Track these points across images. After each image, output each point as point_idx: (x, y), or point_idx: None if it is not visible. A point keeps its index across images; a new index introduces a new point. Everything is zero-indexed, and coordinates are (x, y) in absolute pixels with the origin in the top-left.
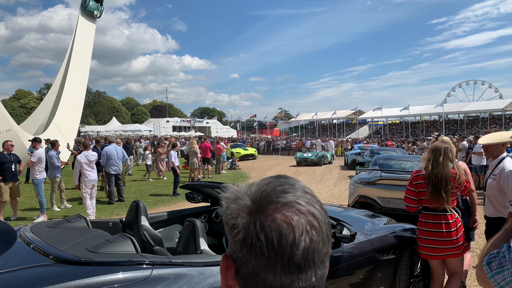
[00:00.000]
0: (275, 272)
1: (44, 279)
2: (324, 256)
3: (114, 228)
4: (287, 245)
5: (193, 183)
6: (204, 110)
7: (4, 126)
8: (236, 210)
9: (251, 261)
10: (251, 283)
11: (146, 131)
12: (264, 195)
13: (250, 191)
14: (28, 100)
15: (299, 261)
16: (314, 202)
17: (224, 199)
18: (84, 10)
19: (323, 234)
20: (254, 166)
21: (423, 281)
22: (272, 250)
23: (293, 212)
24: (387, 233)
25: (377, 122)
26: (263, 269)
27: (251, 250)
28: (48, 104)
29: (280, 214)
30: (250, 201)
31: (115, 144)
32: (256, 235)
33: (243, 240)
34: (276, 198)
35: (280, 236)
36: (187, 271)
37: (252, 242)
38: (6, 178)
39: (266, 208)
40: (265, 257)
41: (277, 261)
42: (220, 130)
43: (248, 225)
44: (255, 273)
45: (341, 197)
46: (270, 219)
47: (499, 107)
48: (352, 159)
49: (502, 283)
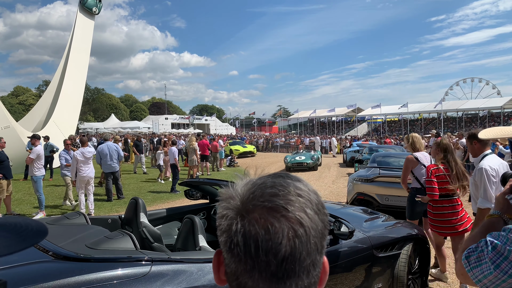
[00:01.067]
0: (253, 278)
1: (44, 275)
2: (310, 266)
3: (113, 225)
4: (262, 253)
5: (192, 180)
6: (203, 107)
7: (3, 123)
8: (224, 210)
9: (231, 263)
10: (233, 284)
11: (145, 128)
12: (251, 198)
13: (242, 190)
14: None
15: (276, 271)
16: (307, 207)
17: (220, 194)
18: (82, 6)
19: (309, 243)
20: (253, 163)
21: (421, 278)
22: (249, 256)
23: (276, 218)
24: (385, 230)
25: (376, 120)
26: (242, 273)
27: (231, 253)
28: (47, 101)
29: (263, 219)
30: (240, 202)
31: (109, 142)
32: (235, 239)
33: (224, 242)
34: (262, 201)
35: (256, 242)
36: (186, 268)
37: (231, 246)
38: (7, 176)
39: (251, 211)
40: (243, 263)
41: (254, 267)
42: (219, 127)
43: (230, 228)
44: (236, 275)
45: (339, 194)
46: (250, 224)
47: (497, 105)
48: (351, 156)
49: (480, 276)
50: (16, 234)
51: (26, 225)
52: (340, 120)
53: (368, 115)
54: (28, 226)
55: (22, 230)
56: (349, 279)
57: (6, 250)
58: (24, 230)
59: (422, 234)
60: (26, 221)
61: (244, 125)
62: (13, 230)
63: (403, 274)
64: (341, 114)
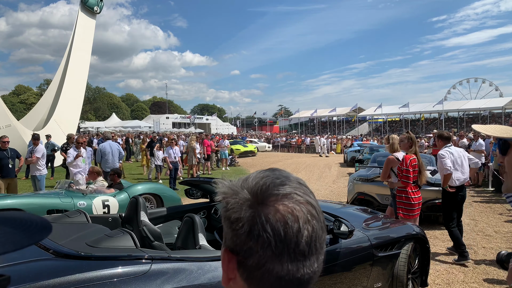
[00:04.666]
0: (282, 261)
1: (44, 273)
2: (323, 242)
3: (113, 223)
4: (293, 234)
5: (193, 179)
6: (204, 106)
7: (4, 121)
8: (238, 204)
9: (257, 252)
10: (257, 274)
11: (145, 127)
12: (264, 188)
13: (247, 184)
14: (27, 96)
15: (304, 249)
16: (309, 193)
17: (220, 194)
18: (84, 5)
19: (321, 222)
20: (253, 162)
21: (420, 278)
22: (279, 239)
23: (294, 202)
24: (385, 229)
25: (377, 120)
26: (270, 259)
27: (257, 241)
28: (48, 100)
29: (282, 205)
30: (250, 195)
31: (111, 141)
32: (262, 226)
33: (248, 233)
34: (276, 190)
35: (285, 226)
36: (186, 266)
37: (258, 234)
38: (3, 174)
39: (267, 200)
40: (272, 247)
41: (283, 250)
42: (220, 127)
43: (253, 218)
44: (261, 263)
45: (340, 194)
46: (273, 211)
47: (499, 105)
48: (352, 156)
49: None
50: (22, 229)
51: (31, 221)
52: (341, 120)
53: (369, 115)
54: (33, 221)
55: (28, 226)
56: (348, 278)
57: (13, 245)
58: (30, 226)
59: (422, 233)
60: (31, 217)
61: (245, 124)
62: (19, 225)
63: (403, 274)
64: (342, 114)
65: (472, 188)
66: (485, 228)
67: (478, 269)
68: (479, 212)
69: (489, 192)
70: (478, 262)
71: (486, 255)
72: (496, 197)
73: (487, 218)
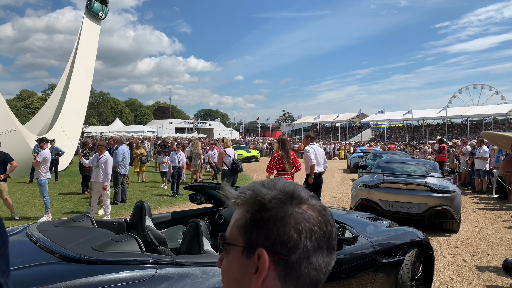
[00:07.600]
0: (322, 254)
1: (50, 277)
2: None
3: (118, 228)
4: (332, 230)
5: (197, 184)
6: (207, 111)
7: (9, 126)
8: (278, 204)
9: (303, 246)
10: (298, 268)
11: (149, 132)
12: (295, 195)
13: (276, 188)
14: (32, 101)
15: (334, 244)
16: None
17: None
18: (89, 11)
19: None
20: (256, 168)
21: (424, 285)
22: (322, 233)
23: (319, 204)
24: (389, 236)
25: (380, 126)
26: (312, 251)
27: (305, 235)
28: (52, 105)
29: (315, 204)
30: (285, 196)
31: (124, 146)
32: (308, 221)
33: (296, 228)
34: (303, 196)
35: (326, 223)
36: (191, 271)
37: (306, 228)
38: None
39: (302, 199)
40: (317, 240)
41: (323, 242)
42: (223, 132)
43: (299, 214)
44: (306, 257)
45: (343, 200)
46: (311, 208)
47: (502, 112)
48: (355, 162)
49: None
50: None
51: None
52: (344, 126)
53: (372, 121)
54: None
55: None
56: (352, 284)
57: None
58: None
59: (426, 240)
60: None
61: (248, 129)
62: None
63: (407, 280)
64: (345, 119)
65: (477, 194)
66: (489, 235)
67: (482, 276)
68: (483, 219)
69: (493, 199)
70: (482, 269)
71: (491, 262)
72: (500, 204)
73: (491, 225)
